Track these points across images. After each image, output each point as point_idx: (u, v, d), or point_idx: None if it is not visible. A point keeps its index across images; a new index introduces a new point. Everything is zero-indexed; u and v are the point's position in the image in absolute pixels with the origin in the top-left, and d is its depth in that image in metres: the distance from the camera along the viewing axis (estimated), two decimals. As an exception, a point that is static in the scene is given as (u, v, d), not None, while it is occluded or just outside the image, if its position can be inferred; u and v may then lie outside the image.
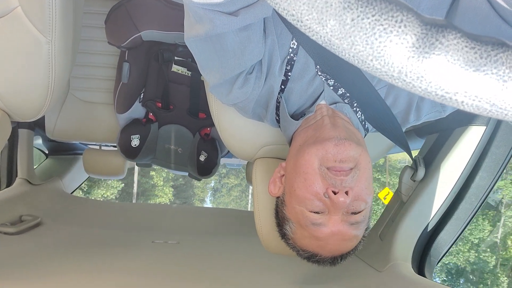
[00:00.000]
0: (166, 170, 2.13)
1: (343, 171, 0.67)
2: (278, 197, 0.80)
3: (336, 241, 0.69)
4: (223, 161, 1.96)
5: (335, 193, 0.65)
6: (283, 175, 0.78)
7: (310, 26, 0.27)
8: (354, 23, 0.26)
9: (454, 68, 0.26)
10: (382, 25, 0.26)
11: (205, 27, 0.60)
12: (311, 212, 0.68)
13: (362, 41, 0.26)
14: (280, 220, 0.78)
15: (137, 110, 1.64)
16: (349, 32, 0.26)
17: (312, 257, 0.73)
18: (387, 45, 0.26)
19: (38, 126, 1.80)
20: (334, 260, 0.73)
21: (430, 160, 1.06)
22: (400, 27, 0.26)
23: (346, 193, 0.65)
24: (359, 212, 0.68)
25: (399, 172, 1.13)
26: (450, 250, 1.07)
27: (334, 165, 0.66)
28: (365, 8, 0.26)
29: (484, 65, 0.26)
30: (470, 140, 0.99)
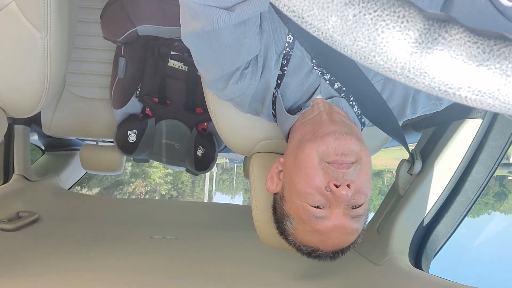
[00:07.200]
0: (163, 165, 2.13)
1: (345, 164, 0.67)
2: (276, 193, 0.80)
3: (337, 235, 0.70)
4: (225, 156, 1.97)
5: (337, 186, 0.65)
6: (281, 170, 0.78)
7: (312, 22, 0.27)
8: (356, 19, 0.26)
9: (457, 63, 0.26)
10: (384, 20, 0.26)
11: (201, 23, 0.59)
12: (312, 206, 0.68)
13: (364, 37, 0.26)
14: (279, 216, 0.77)
15: (134, 105, 1.63)
16: (351, 28, 0.26)
17: (313, 252, 0.73)
18: (390, 41, 0.26)
19: (34, 122, 1.79)
20: (335, 254, 0.73)
21: (427, 153, 1.06)
22: (402, 22, 0.26)
23: (348, 186, 0.65)
24: (360, 205, 0.69)
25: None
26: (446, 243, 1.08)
27: (335, 158, 0.66)
28: (367, 3, 0.26)
29: (487, 59, 0.26)
30: (467, 133, 0.99)
